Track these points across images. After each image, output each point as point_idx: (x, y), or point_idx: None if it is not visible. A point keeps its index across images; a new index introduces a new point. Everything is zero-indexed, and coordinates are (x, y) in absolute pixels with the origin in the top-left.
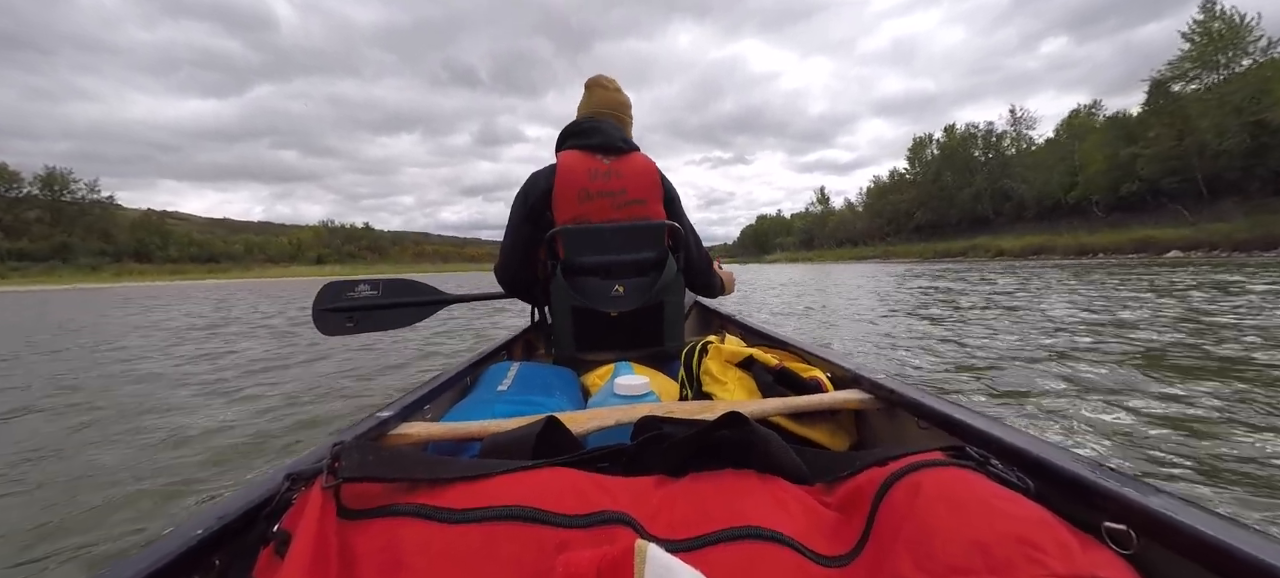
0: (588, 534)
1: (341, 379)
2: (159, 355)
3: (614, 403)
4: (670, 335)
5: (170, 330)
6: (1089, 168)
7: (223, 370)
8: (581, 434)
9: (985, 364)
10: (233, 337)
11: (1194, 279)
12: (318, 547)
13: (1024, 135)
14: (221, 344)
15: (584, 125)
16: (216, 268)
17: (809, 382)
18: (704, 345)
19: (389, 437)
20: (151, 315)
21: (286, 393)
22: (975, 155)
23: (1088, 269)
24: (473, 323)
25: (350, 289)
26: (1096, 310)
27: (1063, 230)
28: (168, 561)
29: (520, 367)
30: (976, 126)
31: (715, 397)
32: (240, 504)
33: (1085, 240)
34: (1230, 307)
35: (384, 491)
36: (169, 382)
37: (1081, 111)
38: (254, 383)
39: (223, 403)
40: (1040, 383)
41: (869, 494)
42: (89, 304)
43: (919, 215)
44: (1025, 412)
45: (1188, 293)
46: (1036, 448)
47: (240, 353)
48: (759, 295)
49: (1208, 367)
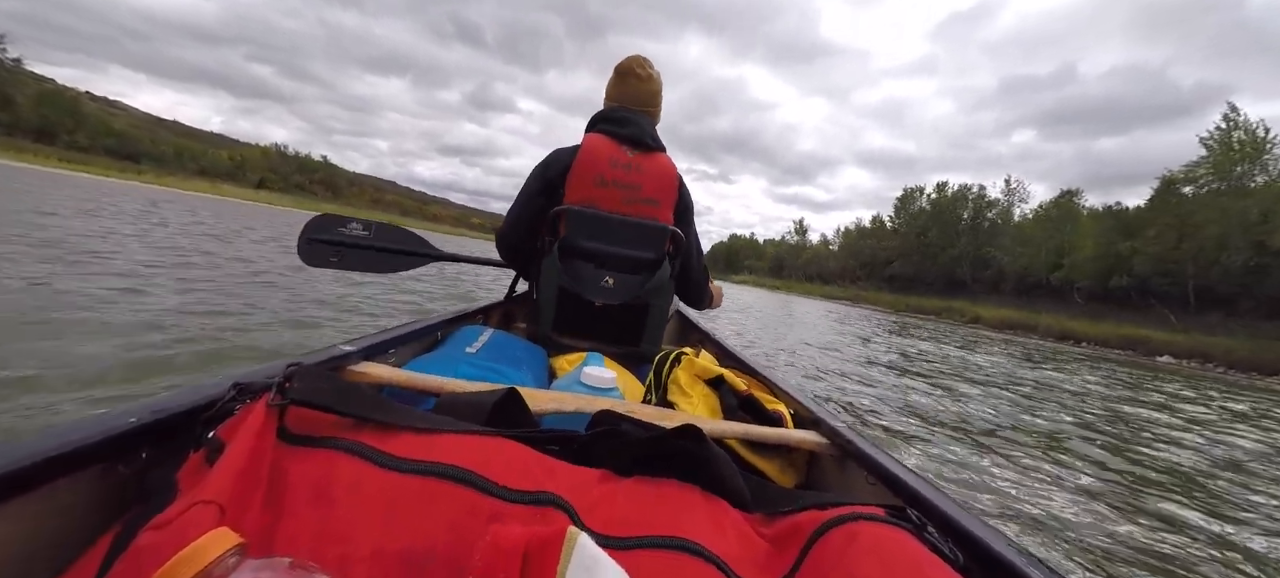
0: (523, 511)
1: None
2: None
3: (578, 390)
4: (648, 338)
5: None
6: (1078, 252)
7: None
8: (539, 413)
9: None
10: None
11: (1193, 392)
12: (249, 462)
13: (1016, 207)
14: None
15: (619, 115)
16: (130, 168)
17: (772, 414)
18: (678, 355)
19: (347, 371)
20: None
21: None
22: (964, 217)
23: (1077, 358)
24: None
25: (341, 224)
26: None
27: (1040, 309)
28: (94, 440)
29: (493, 334)
30: (970, 188)
31: (677, 407)
32: (180, 402)
33: (1069, 326)
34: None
35: (329, 422)
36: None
37: (1068, 197)
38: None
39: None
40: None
41: (805, 533)
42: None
43: (897, 266)
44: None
45: (1193, 409)
46: (973, 524)
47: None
48: (721, 317)
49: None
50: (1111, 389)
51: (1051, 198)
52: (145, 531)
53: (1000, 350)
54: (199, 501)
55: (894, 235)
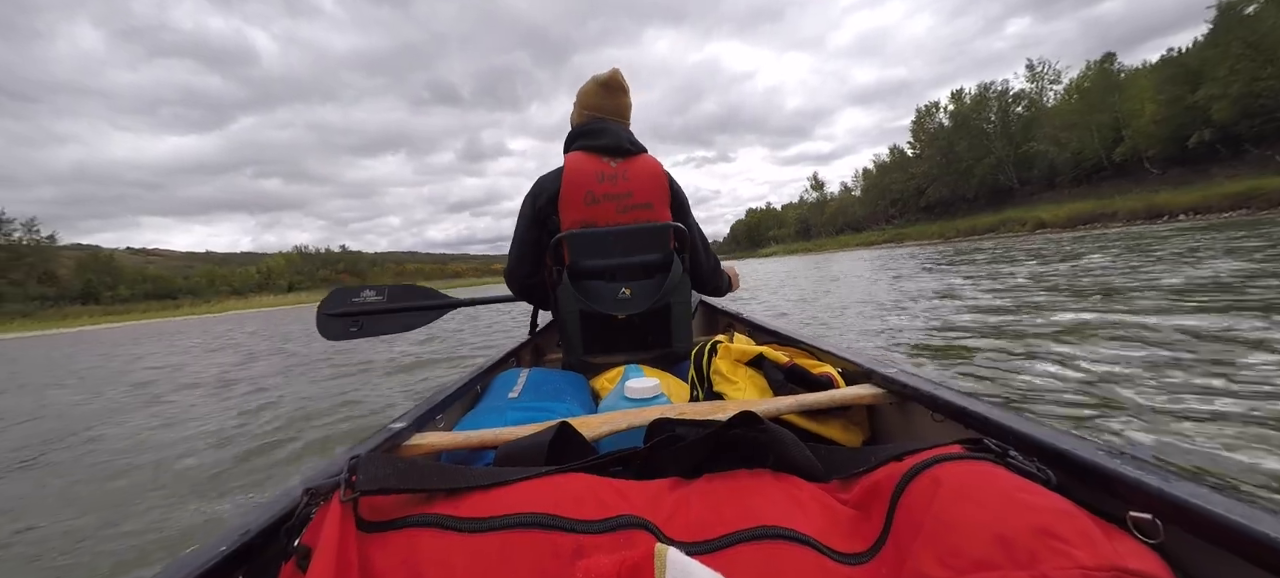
0: (605, 540)
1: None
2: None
3: (625, 406)
4: (678, 336)
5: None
6: (1138, 121)
7: None
8: (594, 439)
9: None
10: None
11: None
12: (339, 560)
13: (1047, 92)
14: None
15: (592, 127)
16: (170, 306)
17: (820, 378)
18: (713, 345)
19: (403, 448)
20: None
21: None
22: (991, 120)
23: (1187, 231)
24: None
25: (355, 295)
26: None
27: (1108, 193)
28: (192, 576)
29: (530, 373)
30: (990, 87)
31: (726, 396)
32: (261, 520)
33: (1155, 201)
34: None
35: (401, 502)
36: None
37: (1106, 64)
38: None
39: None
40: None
41: (887, 490)
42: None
43: (930, 193)
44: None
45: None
46: (1056, 438)
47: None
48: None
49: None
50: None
51: (1078, 73)
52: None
53: (1099, 250)
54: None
55: (918, 161)
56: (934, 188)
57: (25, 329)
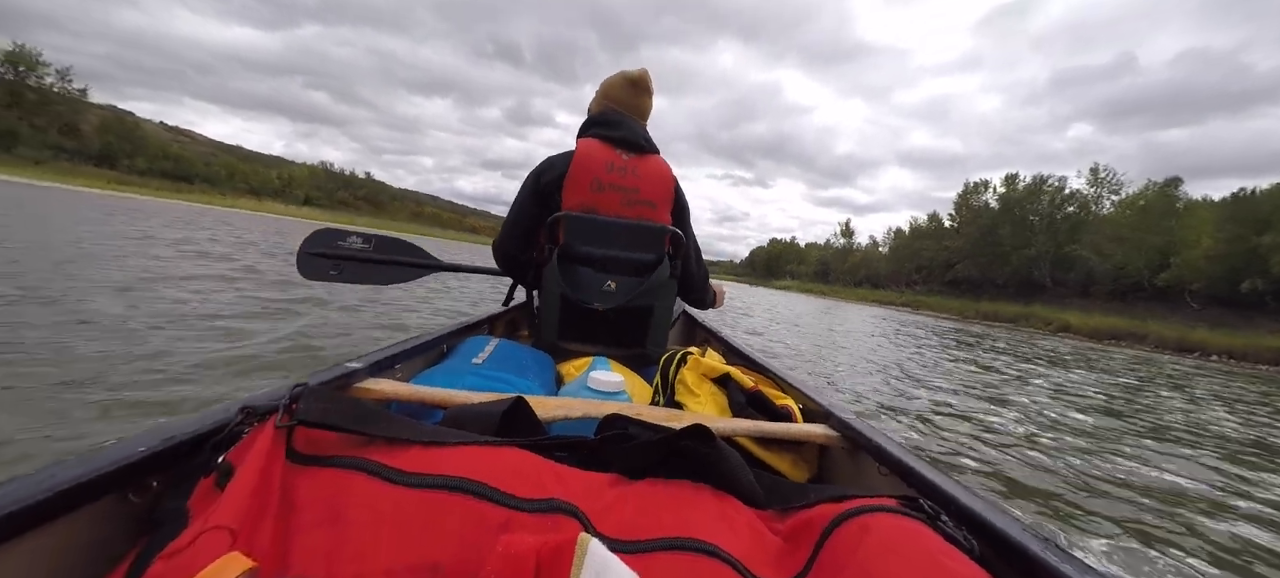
0: (534, 520)
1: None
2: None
3: (586, 395)
4: (654, 340)
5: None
6: (1191, 250)
7: None
8: (547, 420)
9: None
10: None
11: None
12: (259, 485)
13: (1105, 199)
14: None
15: (611, 118)
16: (184, 188)
17: (780, 409)
18: (683, 355)
19: (354, 388)
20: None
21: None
22: (1041, 211)
23: (1226, 374)
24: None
25: (341, 238)
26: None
27: (1140, 315)
28: (104, 471)
29: (499, 343)
30: (1046, 179)
31: (686, 407)
32: (188, 429)
33: (1191, 337)
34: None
35: (338, 440)
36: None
37: (1171, 185)
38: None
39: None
40: None
41: (818, 528)
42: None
43: (960, 268)
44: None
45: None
46: (986, 511)
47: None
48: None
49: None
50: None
51: (1138, 189)
52: (158, 559)
53: (1125, 368)
54: (210, 527)
55: (955, 235)
56: (965, 264)
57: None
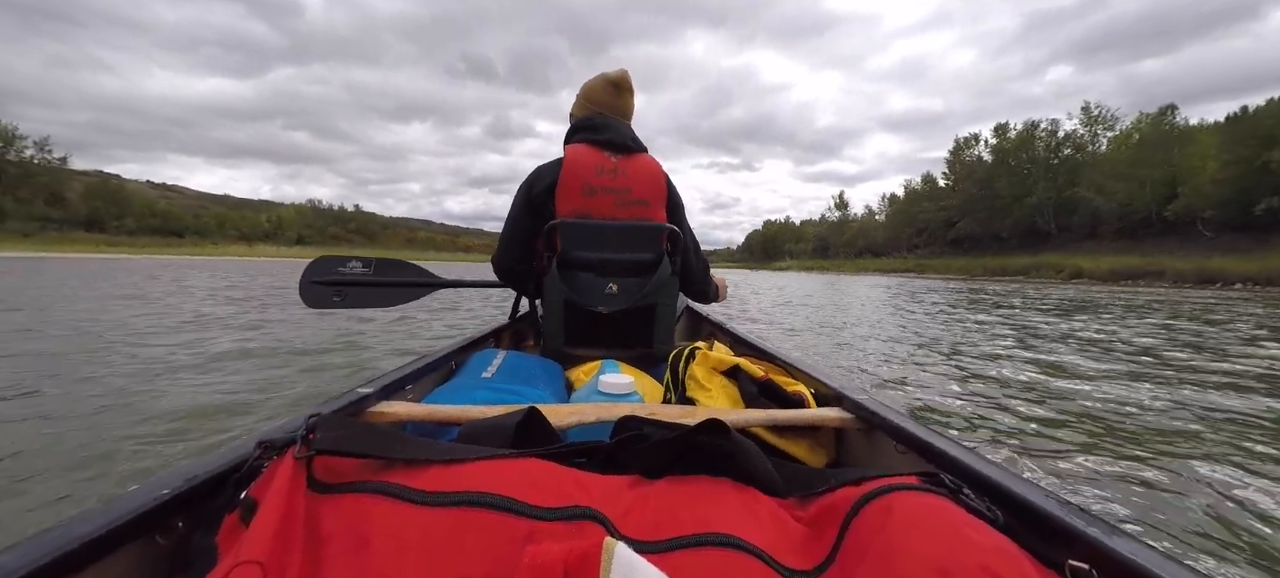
0: (558, 528)
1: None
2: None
3: (597, 399)
4: (660, 338)
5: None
6: (1197, 178)
7: None
8: (562, 428)
9: None
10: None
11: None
12: (284, 517)
13: (1101, 137)
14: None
15: (596, 121)
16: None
17: (792, 396)
18: (691, 351)
19: (367, 413)
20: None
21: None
22: (1036, 158)
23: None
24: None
25: (341, 265)
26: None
27: (1152, 251)
28: (129, 517)
29: (506, 355)
30: (1037, 124)
31: (698, 403)
32: (209, 468)
33: (1210, 266)
34: None
35: (357, 467)
36: None
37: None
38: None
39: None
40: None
41: (841, 512)
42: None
43: (962, 226)
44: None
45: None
46: (1008, 481)
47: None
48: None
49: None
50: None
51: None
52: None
53: (1153, 312)
54: (240, 562)
55: (951, 193)
56: (966, 222)
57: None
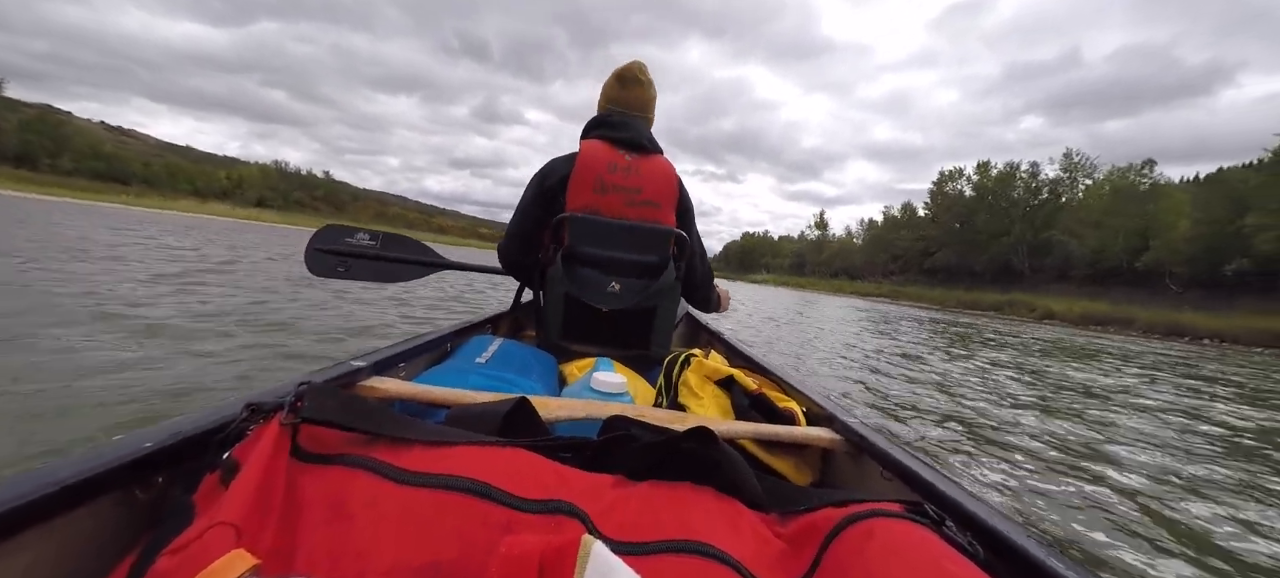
0: (537, 520)
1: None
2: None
3: (589, 396)
4: (657, 342)
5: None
6: (1170, 233)
7: None
8: (550, 421)
9: None
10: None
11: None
12: (264, 482)
13: (1080, 183)
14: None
15: (614, 119)
16: (113, 190)
17: (783, 412)
18: (687, 357)
19: (358, 387)
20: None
21: None
22: (1016, 199)
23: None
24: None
25: (348, 235)
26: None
27: (1120, 300)
28: (110, 467)
29: (502, 343)
30: (1018, 166)
31: (689, 409)
32: (194, 426)
33: (1180, 319)
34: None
35: (342, 439)
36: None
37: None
38: None
39: None
40: None
41: (822, 532)
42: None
43: (938, 257)
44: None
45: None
46: (991, 517)
47: None
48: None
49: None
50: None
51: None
52: (163, 555)
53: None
54: (216, 523)
55: (931, 224)
56: (943, 253)
57: None
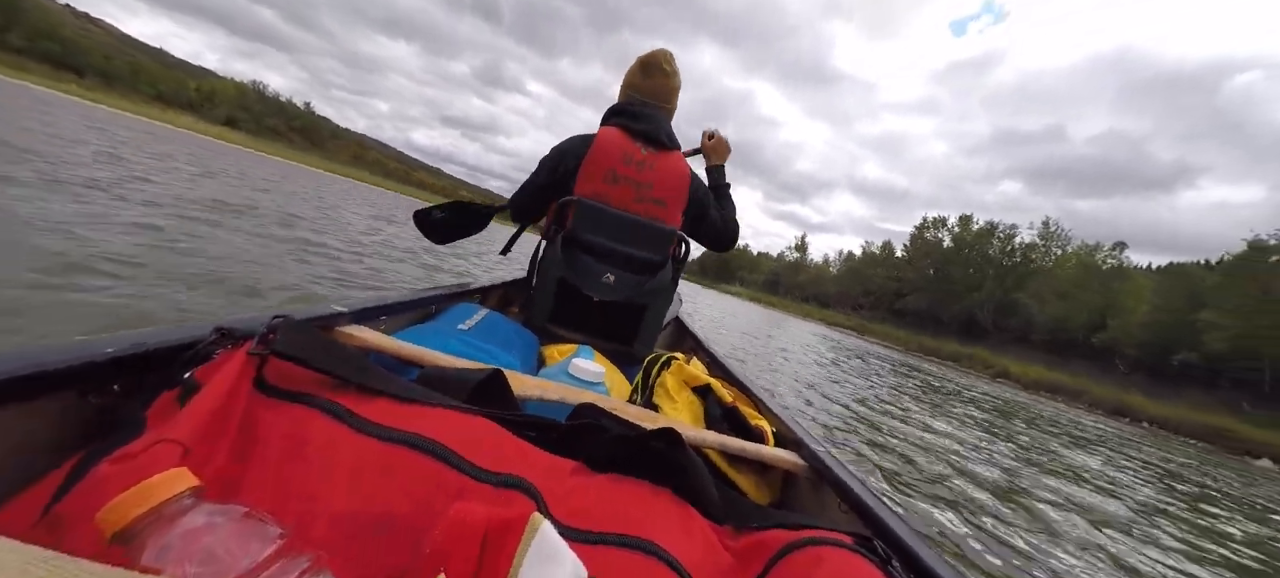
0: (490, 492)
1: None
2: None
3: (565, 380)
4: (642, 340)
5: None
6: (1130, 315)
7: None
8: (522, 398)
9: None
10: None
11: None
12: (222, 408)
13: (1053, 252)
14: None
15: (635, 108)
16: (64, 78)
17: (754, 429)
18: (668, 360)
19: (335, 331)
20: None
21: None
22: (991, 256)
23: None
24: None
25: (432, 211)
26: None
27: (1073, 371)
28: (66, 365)
29: (488, 314)
30: (998, 225)
31: (662, 411)
32: (159, 339)
33: (1127, 401)
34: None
35: (309, 379)
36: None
37: (1102, 249)
38: None
39: None
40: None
41: (770, 551)
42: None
43: (910, 300)
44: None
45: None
46: (937, 564)
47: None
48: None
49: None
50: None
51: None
52: (105, 461)
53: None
54: (164, 439)
55: (908, 266)
56: (914, 296)
57: None
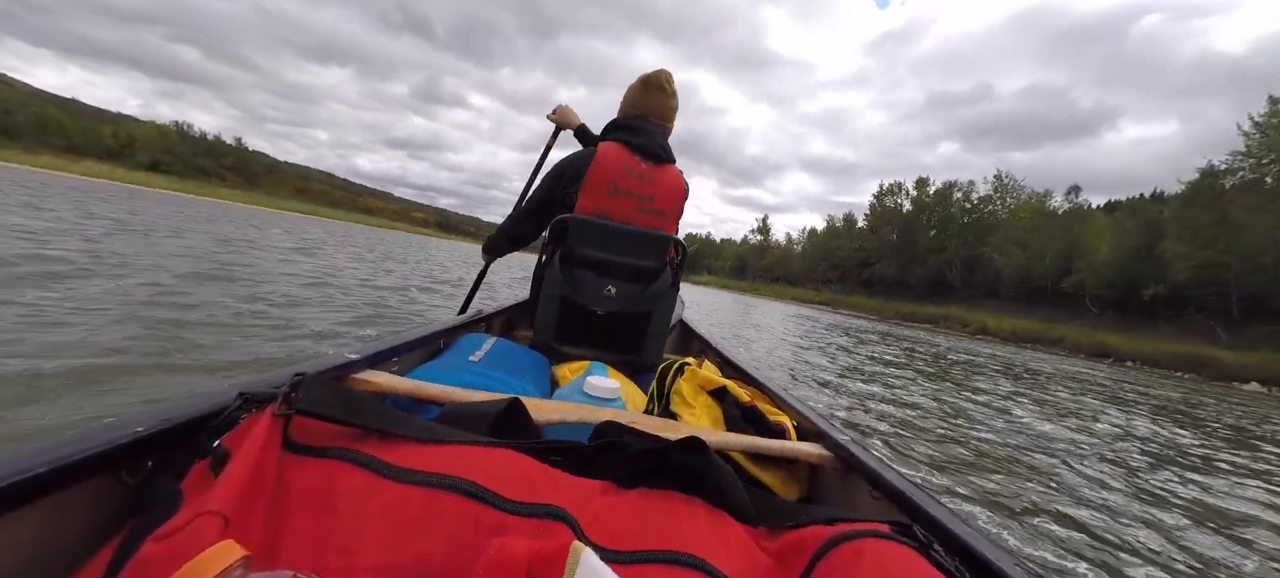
0: (526, 524)
1: None
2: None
3: (581, 400)
4: (650, 347)
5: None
6: (1093, 257)
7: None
8: (542, 423)
9: None
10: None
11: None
12: (255, 473)
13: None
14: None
15: (634, 124)
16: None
17: (775, 426)
18: (681, 366)
19: (350, 380)
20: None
21: None
22: (952, 214)
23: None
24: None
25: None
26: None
27: (1045, 318)
28: (99, 449)
29: (496, 342)
30: (955, 183)
31: (681, 418)
32: (186, 411)
33: (1103, 340)
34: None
35: (334, 433)
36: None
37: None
38: None
39: None
40: None
41: (810, 550)
42: None
43: (878, 268)
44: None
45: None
46: (980, 543)
47: None
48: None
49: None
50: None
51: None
52: (149, 541)
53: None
54: (204, 511)
55: (872, 236)
56: (882, 265)
57: None
